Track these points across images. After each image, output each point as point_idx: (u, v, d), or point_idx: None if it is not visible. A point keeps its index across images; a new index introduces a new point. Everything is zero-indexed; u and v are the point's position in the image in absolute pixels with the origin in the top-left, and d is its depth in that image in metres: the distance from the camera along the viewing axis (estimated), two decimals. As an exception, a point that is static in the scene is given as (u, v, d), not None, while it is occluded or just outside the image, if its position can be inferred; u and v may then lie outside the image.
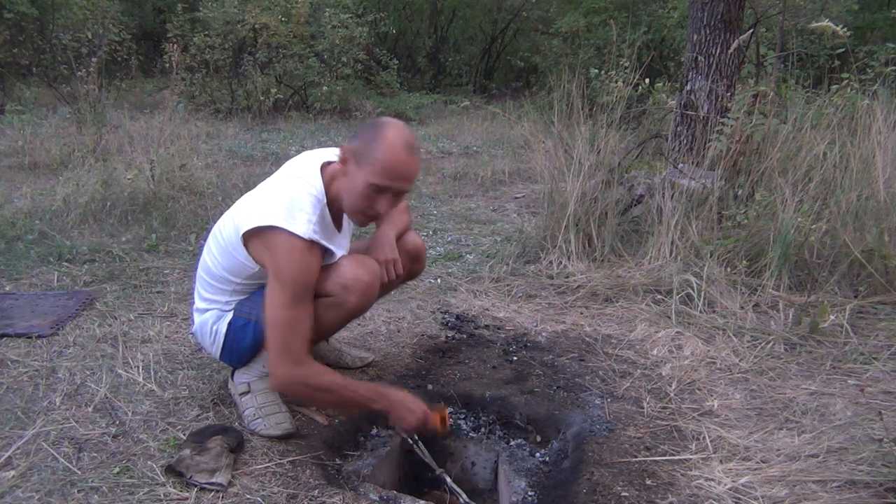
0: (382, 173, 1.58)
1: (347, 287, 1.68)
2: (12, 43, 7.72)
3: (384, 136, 1.58)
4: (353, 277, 1.69)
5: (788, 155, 3.15)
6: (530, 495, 1.71)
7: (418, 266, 2.10)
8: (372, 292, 1.75)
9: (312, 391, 1.66)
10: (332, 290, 1.69)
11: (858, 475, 1.61)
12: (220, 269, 1.75)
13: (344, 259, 1.75)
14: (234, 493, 1.52)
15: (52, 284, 2.78)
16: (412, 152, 1.60)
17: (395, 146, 1.58)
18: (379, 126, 1.61)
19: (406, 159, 1.59)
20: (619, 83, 3.64)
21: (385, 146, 1.57)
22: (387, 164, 1.57)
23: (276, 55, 8.42)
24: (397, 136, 1.59)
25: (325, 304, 1.70)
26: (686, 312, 2.58)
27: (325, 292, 1.69)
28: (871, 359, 2.22)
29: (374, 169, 1.57)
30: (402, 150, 1.58)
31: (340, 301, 1.69)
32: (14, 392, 1.91)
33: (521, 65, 12.34)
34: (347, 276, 1.69)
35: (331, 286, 1.69)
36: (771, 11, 5.04)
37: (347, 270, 1.70)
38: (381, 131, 1.59)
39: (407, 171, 1.61)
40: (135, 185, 3.87)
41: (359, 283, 1.69)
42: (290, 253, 1.58)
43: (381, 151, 1.57)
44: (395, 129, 1.61)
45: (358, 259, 1.75)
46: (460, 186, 5.11)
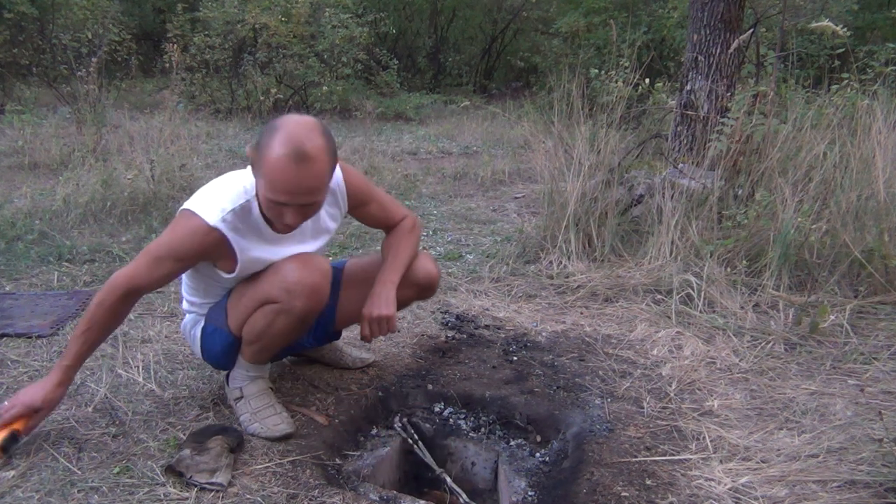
0: (272, 189, 1.45)
1: (291, 291, 1.58)
2: (12, 43, 7.72)
3: (270, 146, 1.42)
4: (296, 281, 1.58)
5: (788, 155, 3.15)
6: (530, 495, 1.71)
7: (428, 293, 2.00)
8: (320, 294, 1.63)
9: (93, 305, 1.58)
10: (276, 296, 1.60)
11: (858, 475, 1.61)
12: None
13: (287, 260, 1.63)
14: (234, 493, 1.52)
15: (52, 284, 2.78)
16: (301, 162, 1.40)
17: (280, 159, 1.41)
18: (270, 131, 1.45)
19: (292, 174, 1.41)
20: (619, 83, 3.64)
21: (269, 159, 1.42)
22: (274, 180, 1.43)
23: (276, 55, 8.41)
24: (285, 144, 1.41)
25: (272, 310, 1.62)
26: (686, 312, 2.58)
27: (269, 298, 1.61)
28: (871, 359, 2.22)
29: (265, 183, 1.46)
30: (287, 162, 1.40)
31: (287, 307, 1.60)
32: (14, 392, 1.90)
33: (521, 65, 12.34)
34: (290, 280, 1.58)
35: (275, 291, 1.60)
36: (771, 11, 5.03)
37: (290, 273, 1.59)
38: (271, 138, 1.43)
39: (297, 186, 1.43)
40: (135, 185, 3.87)
41: (302, 285, 1.58)
42: (181, 226, 1.56)
43: (266, 165, 1.43)
44: (286, 136, 1.42)
45: (303, 259, 1.63)
46: (460, 186, 5.11)
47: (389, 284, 1.80)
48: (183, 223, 1.58)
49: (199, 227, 1.55)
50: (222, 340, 1.74)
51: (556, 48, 10.33)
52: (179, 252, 1.57)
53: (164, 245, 1.58)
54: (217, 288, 1.75)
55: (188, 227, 1.56)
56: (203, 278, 1.74)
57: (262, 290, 1.64)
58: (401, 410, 2.03)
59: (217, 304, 1.76)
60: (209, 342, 1.78)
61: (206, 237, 1.56)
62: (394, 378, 2.13)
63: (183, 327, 1.88)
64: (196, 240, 1.56)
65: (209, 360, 1.86)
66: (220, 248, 1.59)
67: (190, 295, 1.81)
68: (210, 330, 1.77)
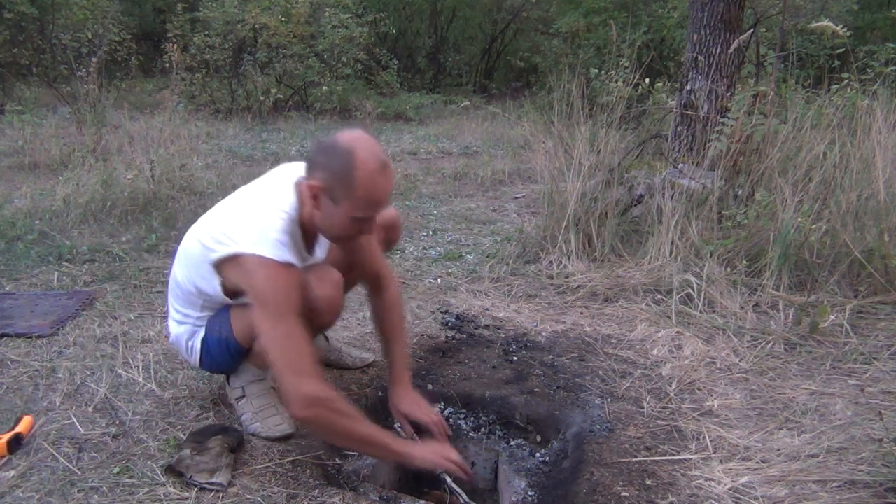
0: (365, 207, 1.48)
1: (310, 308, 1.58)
2: (12, 43, 7.72)
3: (357, 167, 1.44)
4: (314, 298, 1.59)
5: (788, 155, 3.15)
6: (530, 495, 1.71)
7: (395, 233, 2.03)
8: (336, 306, 1.67)
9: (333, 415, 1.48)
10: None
11: (858, 475, 1.61)
12: (188, 285, 1.69)
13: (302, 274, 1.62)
14: (234, 493, 1.52)
15: (52, 284, 2.78)
16: (387, 170, 1.48)
17: (372, 174, 1.45)
18: (347, 153, 1.46)
19: (384, 184, 1.48)
20: (619, 83, 3.64)
21: (361, 178, 1.45)
22: (368, 197, 1.47)
23: (276, 55, 8.42)
24: (370, 159, 1.45)
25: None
26: (686, 312, 2.58)
27: None
28: (871, 359, 2.22)
29: (355, 204, 1.48)
30: (378, 175, 1.46)
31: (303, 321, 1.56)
32: (14, 392, 1.91)
33: (521, 65, 12.34)
34: (308, 297, 1.58)
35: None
36: (771, 11, 5.04)
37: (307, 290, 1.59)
38: (352, 160, 1.45)
39: (387, 194, 1.51)
40: (135, 185, 3.87)
41: (319, 299, 1.60)
42: (265, 274, 1.48)
43: (360, 187, 1.45)
44: (365, 151, 1.46)
45: (316, 272, 1.63)
46: (460, 186, 5.11)
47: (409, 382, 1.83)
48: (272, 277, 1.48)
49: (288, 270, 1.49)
50: (233, 351, 1.72)
51: (556, 48, 10.33)
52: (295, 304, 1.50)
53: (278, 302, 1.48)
54: (217, 300, 1.69)
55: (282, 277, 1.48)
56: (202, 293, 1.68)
57: None
58: (401, 410, 2.03)
59: (217, 316, 1.72)
60: (214, 353, 1.74)
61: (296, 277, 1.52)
62: (394, 378, 2.12)
63: (176, 339, 1.80)
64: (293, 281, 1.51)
65: (209, 368, 1.83)
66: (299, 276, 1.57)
67: (184, 307, 1.75)
68: (214, 341, 1.72)
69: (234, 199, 1.67)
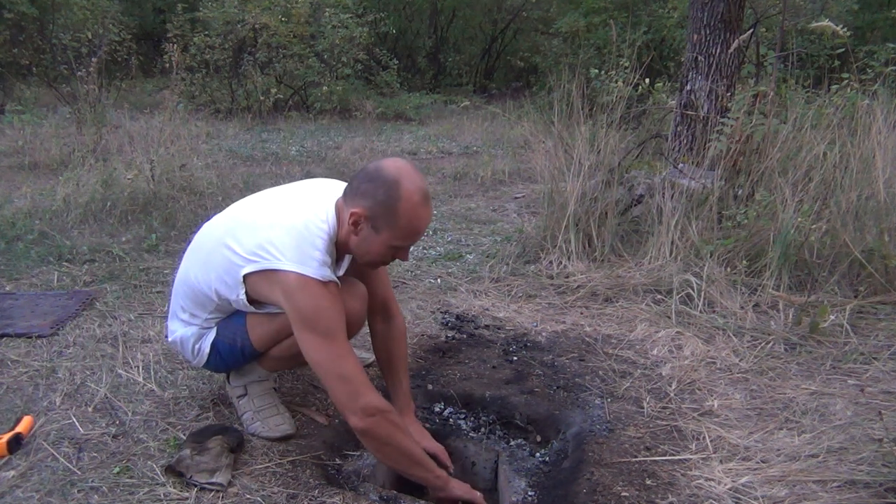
0: (406, 237, 1.52)
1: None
2: (12, 43, 7.72)
3: (403, 198, 1.46)
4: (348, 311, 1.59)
5: (788, 155, 3.15)
6: (530, 495, 1.71)
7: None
8: (360, 318, 1.72)
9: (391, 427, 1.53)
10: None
11: (858, 475, 1.61)
12: (205, 287, 1.65)
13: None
14: (234, 493, 1.52)
15: (52, 284, 2.78)
16: (428, 202, 1.50)
17: (416, 206, 1.47)
18: (393, 185, 1.46)
19: (426, 215, 1.51)
20: (619, 83, 3.64)
21: (406, 209, 1.46)
22: (411, 228, 1.50)
23: (276, 55, 8.42)
24: (415, 192, 1.46)
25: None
26: (686, 312, 2.58)
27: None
28: (871, 359, 2.22)
29: (397, 234, 1.50)
30: (422, 208, 1.48)
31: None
32: (14, 392, 1.91)
33: (521, 65, 12.35)
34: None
35: None
36: (771, 11, 5.04)
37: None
38: (398, 191, 1.46)
39: (427, 225, 1.55)
40: (135, 185, 3.87)
41: (352, 314, 1.63)
42: (310, 293, 1.48)
43: (403, 217, 1.47)
44: (410, 183, 1.47)
45: (346, 288, 1.63)
46: (460, 186, 5.11)
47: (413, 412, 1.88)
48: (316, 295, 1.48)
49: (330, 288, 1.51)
50: (248, 356, 1.73)
51: (556, 48, 10.33)
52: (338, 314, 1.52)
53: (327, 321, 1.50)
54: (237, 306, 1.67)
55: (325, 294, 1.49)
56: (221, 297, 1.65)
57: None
58: (401, 410, 2.03)
59: (231, 322, 1.70)
60: (228, 357, 1.74)
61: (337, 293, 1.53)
62: (394, 378, 2.12)
63: (180, 340, 1.77)
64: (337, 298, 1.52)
65: (214, 369, 1.82)
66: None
67: (193, 308, 1.72)
68: (227, 346, 1.71)
69: (267, 207, 1.62)
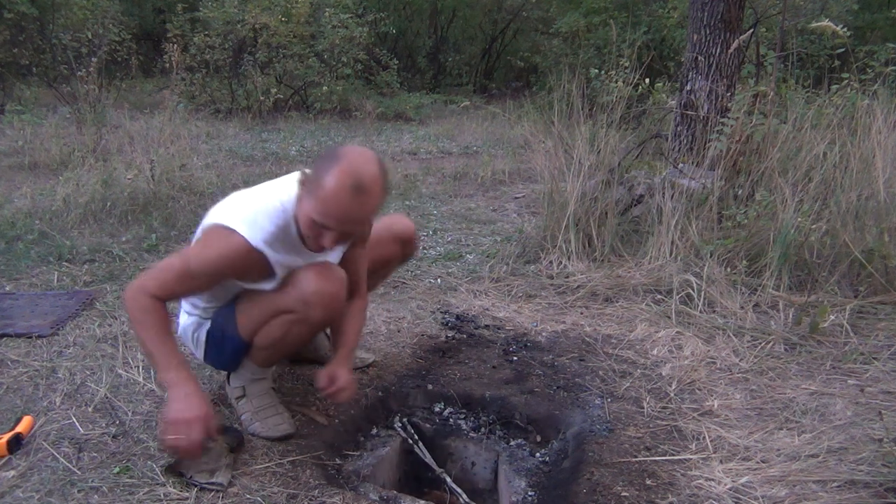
0: (322, 212, 1.47)
1: (309, 302, 1.58)
2: (12, 43, 7.71)
3: (332, 173, 1.44)
4: (314, 291, 1.58)
5: (788, 155, 3.15)
6: (530, 495, 1.71)
7: (410, 249, 2.08)
8: (338, 303, 1.64)
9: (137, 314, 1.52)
10: (293, 307, 1.60)
11: (858, 475, 1.61)
12: None
13: (304, 270, 1.61)
14: (234, 493, 1.52)
15: (52, 284, 2.78)
16: (358, 194, 1.44)
17: (340, 187, 1.43)
18: (334, 159, 1.47)
19: (347, 203, 1.44)
20: (619, 83, 3.64)
21: (329, 185, 1.44)
22: (327, 205, 1.45)
23: (276, 55, 8.42)
24: (347, 174, 1.44)
25: (289, 321, 1.62)
26: (686, 312, 2.58)
27: (286, 308, 1.61)
28: (871, 359, 2.22)
29: (316, 206, 1.47)
30: (346, 192, 1.43)
31: (304, 317, 1.61)
32: (14, 392, 1.91)
33: (521, 65, 12.35)
34: (307, 291, 1.58)
35: (291, 302, 1.60)
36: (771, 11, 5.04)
37: (307, 285, 1.58)
38: (333, 166, 1.45)
39: (347, 215, 1.47)
40: (135, 185, 3.87)
41: (320, 296, 1.58)
42: (221, 243, 1.53)
43: (324, 189, 1.45)
44: (349, 165, 1.45)
45: (318, 269, 1.61)
46: (460, 186, 5.11)
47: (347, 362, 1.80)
48: (223, 241, 1.53)
49: (242, 247, 1.53)
50: (233, 346, 1.73)
51: (556, 48, 10.33)
52: (218, 269, 1.55)
53: (201, 260, 1.54)
54: (224, 292, 1.71)
55: (230, 245, 1.53)
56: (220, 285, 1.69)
57: (278, 300, 1.62)
58: (401, 410, 2.03)
59: (224, 309, 1.73)
60: (218, 346, 1.76)
61: (248, 257, 1.54)
62: (394, 378, 2.13)
63: (183, 330, 1.84)
64: (238, 259, 1.54)
65: (213, 363, 1.84)
66: (257, 267, 1.58)
67: (193, 299, 1.77)
68: (218, 335, 1.74)
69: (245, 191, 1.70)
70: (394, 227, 2.01)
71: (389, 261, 2.06)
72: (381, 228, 2.01)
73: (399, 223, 2.03)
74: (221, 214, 1.59)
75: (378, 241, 1.99)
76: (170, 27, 8.49)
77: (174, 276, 1.55)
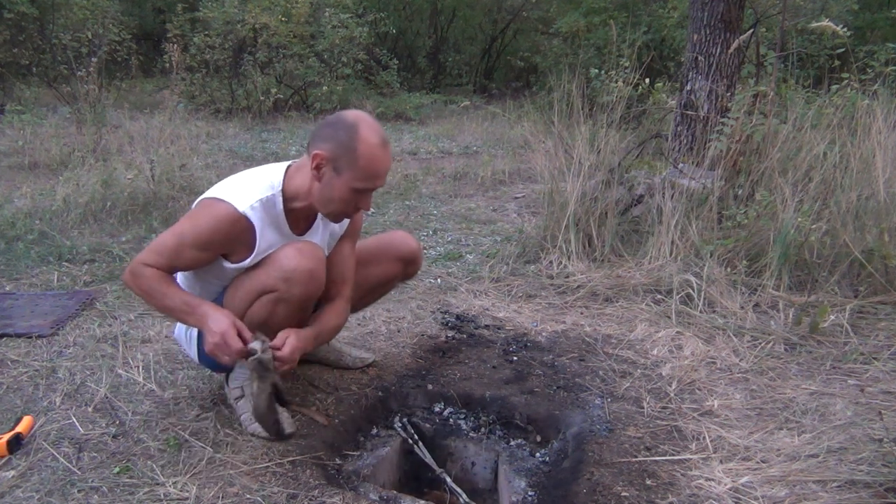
0: (366, 178, 1.57)
1: (289, 279, 1.60)
2: (12, 43, 7.72)
3: (361, 140, 1.55)
4: (293, 268, 1.60)
5: (788, 155, 3.15)
6: (530, 495, 1.71)
7: (412, 268, 2.07)
8: (317, 279, 1.65)
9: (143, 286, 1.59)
10: (273, 285, 1.61)
11: (858, 475, 1.61)
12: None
13: (282, 248, 1.64)
14: (233, 493, 1.52)
15: (52, 284, 2.78)
16: (387, 147, 1.59)
17: (374, 148, 1.55)
18: (352, 127, 1.56)
19: (385, 158, 1.58)
20: (619, 83, 3.64)
21: (364, 150, 1.54)
22: (370, 169, 1.56)
23: (276, 55, 8.42)
24: (373, 135, 1.56)
25: (271, 300, 1.63)
26: (686, 312, 2.58)
27: (266, 288, 1.62)
28: (871, 359, 2.22)
29: (357, 175, 1.56)
30: (380, 149, 1.57)
31: (285, 295, 1.62)
32: (14, 392, 1.91)
33: (521, 65, 12.35)
34: (287, 268, 1.60)
35: (271, 281, 1.61)
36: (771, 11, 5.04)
37: (286, 261, 1.60)
38: (356, 133, 1.55)
39: (386, 169, 1.61)
40: (135, 185, 3.88)
41: (300, 272, 1.60)
42: (209, 213, 1.58)
43: (361, 157, 1.55)
44: (368, 127, 1.57)
45: (297, 246, 1.64)
46: (460, 186, 5.11)
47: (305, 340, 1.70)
48: (211, 209, 1.59)
49: (229, 214, 1.57)
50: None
51: (556, 48, 10.34)
52: (207, 238, 1.58)
53: (190, 229, 1.58)
54: (214, 286, 1.74)
55: (217, 212, 1.57)
56: (200, 279, 1.73)
57: (258, 281, 1.63)
58: (401, 410, 2.03)
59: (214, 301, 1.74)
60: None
61: (234, 224, 1.57)
62: (394, 378, 2.13)
63: (178, 331, 1.84)
64: (224, 227, 1.57)
65: (207, 362, 1.82)
66: (244, 237, 1.60)
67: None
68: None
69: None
70: (397, 247, 2.01)
71: (390, 280, 2.07)
72: (383, 247, 2.02)
73: (403, 244, 2.02)
74: (210, 191, 1.65)
75: (379, 259, 2.00)
76: (170, 27, 8.49)
77: (168, 249, 1.59)
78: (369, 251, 2.01)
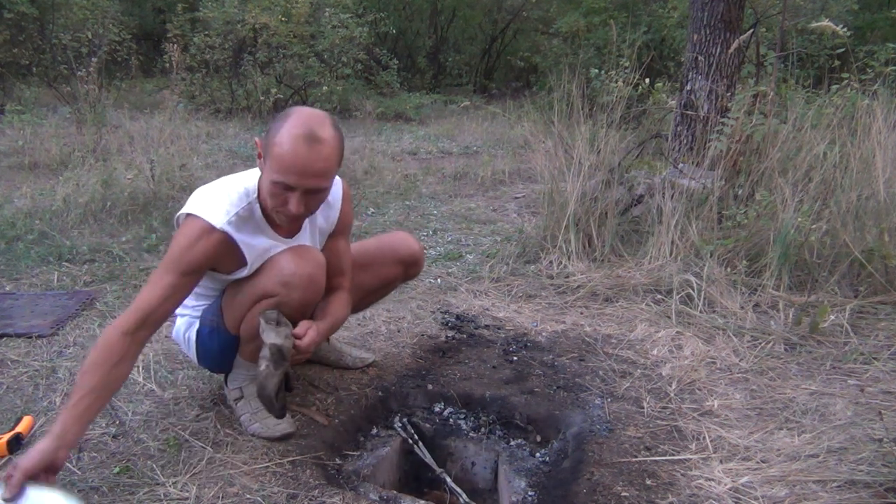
0: (281, 168, 1.44)
1: (288, 284, 1.58)
2: (12, 43, 7.72)
3: (283, 130, 1.44)
4: (293, 272, 1.58)
5: (788, 155, 3.15)
6: (530, 495, 1.71)
7: (414, 270, 2.07)
8: (317, 283, 1.63)
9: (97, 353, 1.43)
10: (272, 290, 1.59)
11: (858, 475, 1.61)
12: None
13: (282, 253, 1.62)
14: (233, 493, 1.52)
15: (52, 284, 2.78)
16: (313, 143, 1.43)
17: (292, 138, 1.42)
18: (283, 118, 1.47)
19: (304, 153, 1.42)
20: (619, 83, 3.64)
21: (280, 139, 1.43)
22: (284, 159, 1.43)
23: (276, 55, 8.41)
24: (297, 126, 1.43)
25: (270, 304, 1.61)
26: (686, 312, 2.58)
27: (266, 293, 1.60)
28: (871, 359, 2.22)
29: (272, 165, 1.45)
30: (299, 141, 1.42)
31: (285, 300, 1.60)
32: (14, 392, 1.91)
33: (521, 65, 12.36)
34: (286, 273, 1.58)
35: (271, 285, 1.59)
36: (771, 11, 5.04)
37: (286, 266, 1.59)
38: (283, 123, 1.45)
39: (305, 166, 1.43)
40: (135, 185, 3.87)
41: (299, 277, 1.59)
42: (186, 232, 1.52)
43: (279, 146, 1.43)
44: (297, 117, 1.45)
45: (297, 251, 1.62)
46: (460, 186, 5.11)
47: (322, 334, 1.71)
48: (187, 229, 1.53)
49: (204, 230, 1.52)
50: (220, 340, 1.72)
51: (556, 48, 10.34)
52: (191, 260, 1.51)
53: (174, 258, 1.51)
54: (211, 289, 1.73)
55: (193, 231, 1.52)
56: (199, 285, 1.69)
57: (258, 285, 1.62)
58: (401, 410, 2.03)
59: (211, 305, 1.74)
60: (206, 343, 1.75)
61: (213, 240, 1.52)
62: (394, 378, 2.13)
63: (176, 332, 1.83)
64: (204, 243, 1.52)
65: (206, 364, 1.83)
66: (227, 250, 1.56)
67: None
68: (206, 331, 1.74)
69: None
70: (398, 249, 2.00)
71: (391, 281, 2.06)
72: (383, 249, 2.02)
73: (404, 246, 2.01)
74: (186, 206, 1.58)
75: (380, 261, 2.00)
76: (170, 27, 8.49)
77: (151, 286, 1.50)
78: (370, 253, 2.00)
